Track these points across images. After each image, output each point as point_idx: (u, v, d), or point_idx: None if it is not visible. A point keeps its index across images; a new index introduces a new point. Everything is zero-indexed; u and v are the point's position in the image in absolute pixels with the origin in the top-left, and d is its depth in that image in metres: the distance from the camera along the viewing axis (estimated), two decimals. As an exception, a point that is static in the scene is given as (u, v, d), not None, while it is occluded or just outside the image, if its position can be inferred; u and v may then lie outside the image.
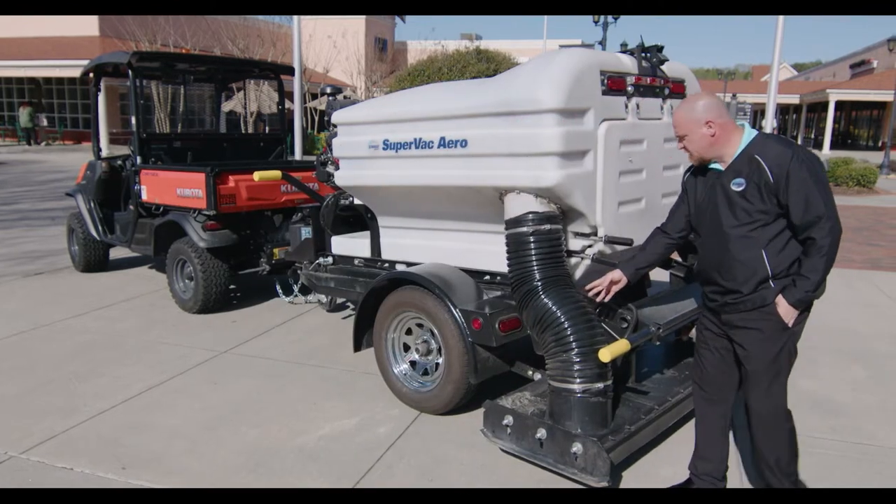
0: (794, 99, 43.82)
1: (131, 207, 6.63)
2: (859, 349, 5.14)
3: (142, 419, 3.91)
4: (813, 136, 42.97)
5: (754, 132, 2.74)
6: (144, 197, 6.37)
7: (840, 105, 37.95)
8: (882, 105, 35.41)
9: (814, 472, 3.33)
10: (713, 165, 2.79)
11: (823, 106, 38.21)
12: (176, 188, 5.94)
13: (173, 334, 5.44)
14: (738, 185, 2.68)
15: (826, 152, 31.45)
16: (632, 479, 3.28)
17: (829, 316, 5.90)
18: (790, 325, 2.67)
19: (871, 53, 40.75)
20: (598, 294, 3.26)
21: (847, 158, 18.51)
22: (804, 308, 2.68)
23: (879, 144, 34.01)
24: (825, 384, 4.47)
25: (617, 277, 3.20)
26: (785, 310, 2.65)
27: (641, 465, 3.40)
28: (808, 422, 3.90)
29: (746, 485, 3.24)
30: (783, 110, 48.28)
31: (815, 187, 2.56)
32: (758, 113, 40.03)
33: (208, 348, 5.10)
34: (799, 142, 42.81)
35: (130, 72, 6.33)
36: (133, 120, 6.45)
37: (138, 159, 6.46)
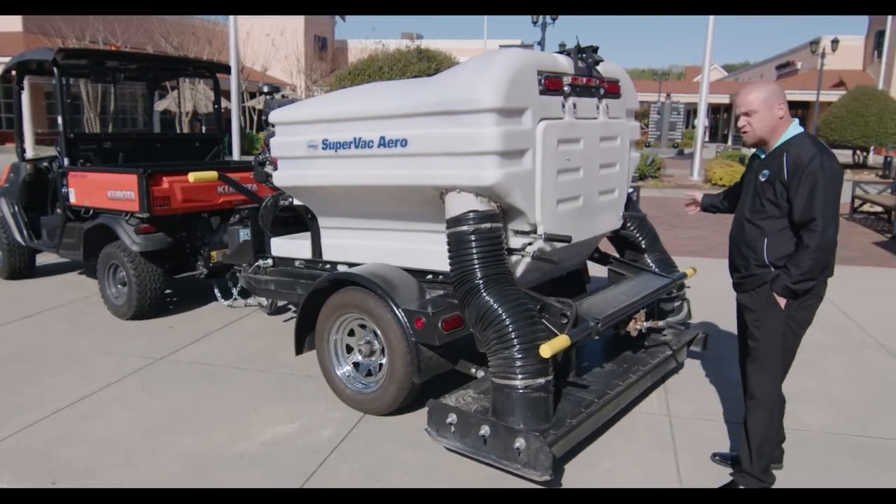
0: (724, 99, 45.34)
1: (59, 211, 6.37)
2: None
3: (73, 431, 3.76)
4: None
5: (799, 129, 2.93)
6: (73, 200, 6.13)
7: (767, 104, 39.42)
8: (806, 104, 37.07)
9: (746, 458, 3.46)
10: (758, 152, 3.03)
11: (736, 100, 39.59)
12: (106, 190, 5.73)
13: (106, 342, 5.25)
14: (763, 176, 2.95)
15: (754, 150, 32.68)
16: (573, 471, 3.34)
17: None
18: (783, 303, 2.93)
19: (795, 55, 42.62)
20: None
21: (774, 156, 19.27)
22: (789, 296, 2.89)
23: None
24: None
25: (698, 198, 3.82)
26: (775, 301, 2.92)
27: (583, 458, 3.47)
28: (741, 408, 4.04)
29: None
30: (714, 110, 49.94)
31: (821, 192, 2.75)
32: (691, 112, 41.34)
33: (143, 355, 4.94)
34: (729, 140, 44.41)
35: (56, 70, 6.08)
36: (59, 120, 6.20)
37: (65, 161, 6.22)
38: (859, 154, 25.20)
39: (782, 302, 2.91)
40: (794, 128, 2.93)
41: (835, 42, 28.77)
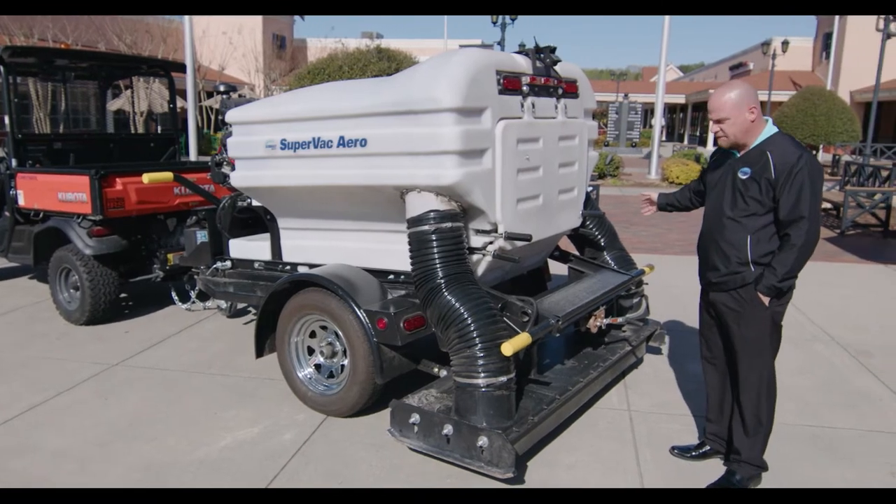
0: (680, 99, 46.31)
1: (7, 214, 6.16)
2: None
3: (24, 441, 3.64)
4: (698, 133, 45.55)
5: (774, 129, 2.97)
6: (22, 202, 5.94)
7: (721, 104, 40.34)
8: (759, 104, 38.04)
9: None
10: (733, 151, 3.05)
11: (706, 105, 40.56)
12: (57, 192, 5.57)
13: (58, 348, 5.10)
14: (743, 174, 2.96)
15: (710, 149, 33.45)
16: (536, 468, 3.37)
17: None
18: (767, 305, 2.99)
19: (747, 56, 43.72)
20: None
21: (728, 154, 19.74)
22: (774, 295, 2.95)
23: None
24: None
25: (654, 198, 3.74)
26: (759, 300, 2.97)
27: (545, 454, 3.50)
28: (699, 402, 4.14)
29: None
30: (671, 109, 50.93)
31: (808, 191, 2.81)
32: (648, 112, 42.06)
33: (98, 361, 4.81)
34: (685, 139, 45.33)
35: (2, 68, 5.89)
36: (7, 120, 6.00)
37: (13, 162, 6.03)
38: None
39: (766, 300, 2.96)
40: (770, 127, 2.97)
41: (785, 43, 29.57)
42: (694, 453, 3.46)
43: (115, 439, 3.66)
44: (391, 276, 3.99)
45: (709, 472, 3.30)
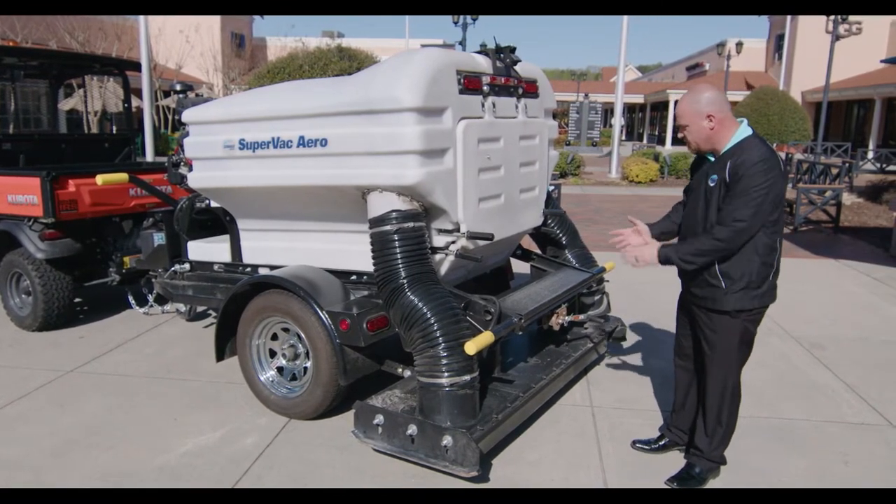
0: (639, 98, 47.09)
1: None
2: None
3: (-27, 452, 3.52)
4: (657, 133, 46.35)
5: (747, 132, 2.88)
6: (-32, 205, 5.73)
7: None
8: (714, 104, 38.85)
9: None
10: (709, 156, 2.98)
11: (665, 105, 41.38)
12: (6, 195, 5.39)
13: (9, 355, 4.94)
14: (712, 181, 2.90)
15: (668, 148, 34.07)
16: (500, 465, 3.38)
17: (669, 297, 6.39)
18: (637, 262, 3.05)
19: (703, 57, 44.66)
20: (621, 241, 3.29)
21: (686, 153, 20.16)
22: (663, 262, 2.96)
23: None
24: (671, 360, 4.83)
25: (643, 230, 3.28)
26: (649, 252, 3.00)
27: (509, 452, 3.52)
28: (659, 396, 4.21)
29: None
30: (630, 109, 51.72)
31: (753, 200, 2.72)
32: (608, 111, 42.61)
33: (53, 368, 4.68)
34: (644, 139, 46.05)
35: (-55, 66, 5.68)
36: (-49, 120, 5.79)
37: (-41, 164, 5.81)
38: (763, 151, 26.59)
39: (645, 261, 3.00)
40: (743, 130, 2.89)
41: (739, 45, 30.30)
42: (654, 446, 3.53)
43: (70, 448, 3.56)
44: (353, 277, 3.96)
45: (669, 465, 3.36)
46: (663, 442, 3.52)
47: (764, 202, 2.75)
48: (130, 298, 5.85)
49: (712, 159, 2.97)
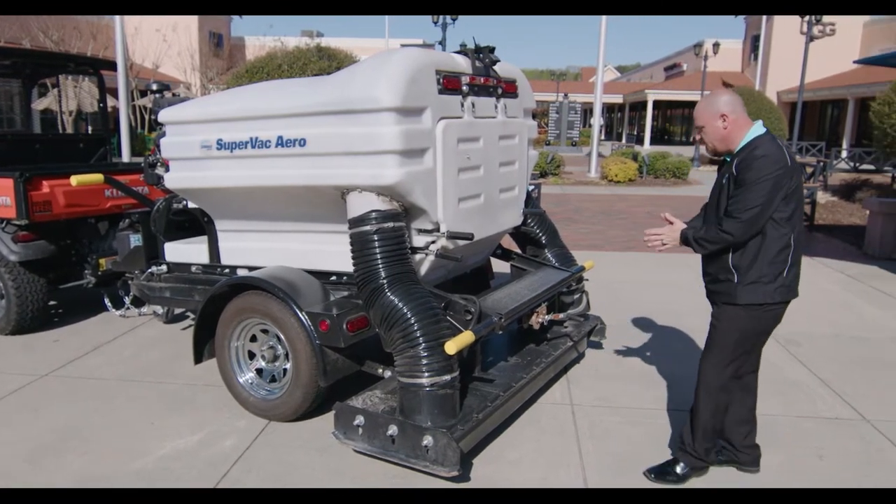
0: (618, 98, 47.41)
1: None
2: (675, 325, 5.66)
3: (-56, 459, 3.45)
4: (635, 132, 46.73)
5: (759, 132, 2.93)
6: (-61, 207, 5.62)
7: (657, 104, 41.64)
8: (692, 104, 39.18)
9: (641, 441, 3.63)
10: (727, 157, 3.04)
11: (643, 105, 41.73)
12: (-22, 196, 5.29)
13: (-18, 360, 4.85)
14: (725, 179, 2.97)
15: (647, 147, 34.36)
16: (481, 465, 3.39)
17: (647, 295, 6.46)
18: (663, 246, 3.12)
19: (681, 57, 45.07)
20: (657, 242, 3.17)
21: (664, 153, 20.37)
22: (683, 241, 3.05)
23: (691, 140, 37.72)
24: (650, 359, 4.89)
25: (679, 226, 3.16)
26: (673, 232, 3.10)
27: (490, 451, 3.53)
28: (638, 394, 4.25)
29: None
30: (609, 109, 52.06)
31: (755, 192, 2.78)
32: (587, 111, 42.87)
33: (26, 372, 4.60)
34: (623, 138, 46.41)
35: (-86, 65, 5.56)
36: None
37: (-71, 164, 5.69)
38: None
39: (674, 239, 3.09)
40: (756, 130, 2.94)
41: (716, 45, 30.58)
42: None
43: (45, 454, 3.51)
44: (333, 278, 3.95)
45: (645, 463, 3.38)
46: (719, 458, 3.40)
47: (770, 194, 2.80)
48: (106, 301, 5.77)
49: (728, 159, 3.03)
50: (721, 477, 3.29)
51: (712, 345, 3.13)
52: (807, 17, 21.83)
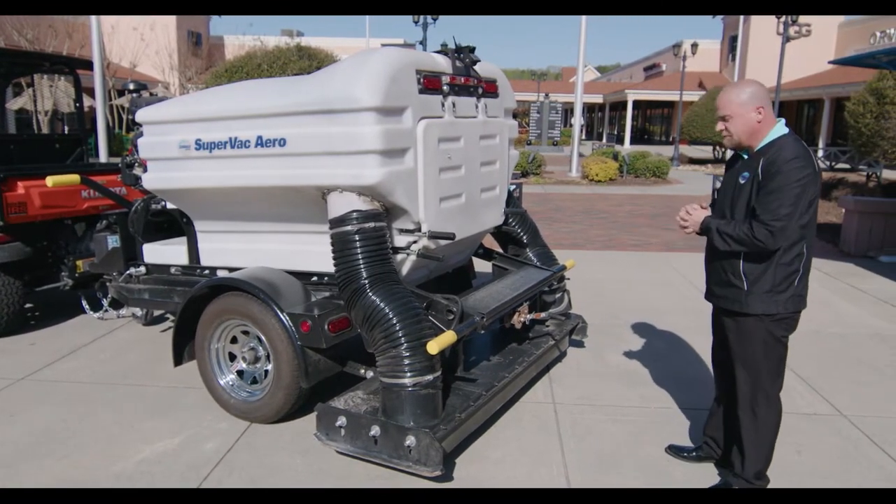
0: (598, 98, 47.69)
1: None
2: (656, 323, 5.71)
3: (-83, 465, 3.38)
4: (616, 132, 47.01)
5: (784, 131, 2.76)
6: (-90, 209, 5.50)
7: (637, 104, 41.95)
8: (671, 104, 39.61)
9: (623, 439, 3.66)
10: (743, 153, 2.87)
11: (623, 105, 42.02)
12: (-49, 198, 5.19)
13: (-44, 364, 4.76)
14: (743, 178, 2.80)
15: (627, 147, 34.61)
16: (464, 464, 3.39)
17: (629, 294, 6.51)
18: (685, 222, 2.96)
19: (660, 58, 45.45)
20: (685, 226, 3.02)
21: (644, 152, 20.52)
22: (702, 230, 2.88)
23: (670, 139, 38.05)
24: (632, 357, 4.92)
25: (703, 213, 2.99)
26: (698, 217, 2.91)
27: (473, 450, 3.53)
28: (620, 392, 4.27)
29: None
30: (590, 109, 52.38)
31: (788, 198, 2.60)
32: (568, 111, 43.07)
33: (2, 376, 4.53)
34: (604, 138, 46.70)
35: None
36: None
37: None
38: (718, 150, 27.27)
39: (696, 225, 2.90)
40: (779, 129, 2.78)
41: (694, 46, 30.88)
42: (687, 455, 3.45)
43: (22, 459, 3.45)
44: (314, 278, 3.93)
45: (631, 460, 3.41)
46: (697, 454, 3.43)
47: (799, 201, 2.64)
48: (84, 303, 5.70)
49: (745, 157, 2.87)
50: (700, 473, 3.32)
51: (739, 360, 2.93)
52: (783, 18, 22.10)
